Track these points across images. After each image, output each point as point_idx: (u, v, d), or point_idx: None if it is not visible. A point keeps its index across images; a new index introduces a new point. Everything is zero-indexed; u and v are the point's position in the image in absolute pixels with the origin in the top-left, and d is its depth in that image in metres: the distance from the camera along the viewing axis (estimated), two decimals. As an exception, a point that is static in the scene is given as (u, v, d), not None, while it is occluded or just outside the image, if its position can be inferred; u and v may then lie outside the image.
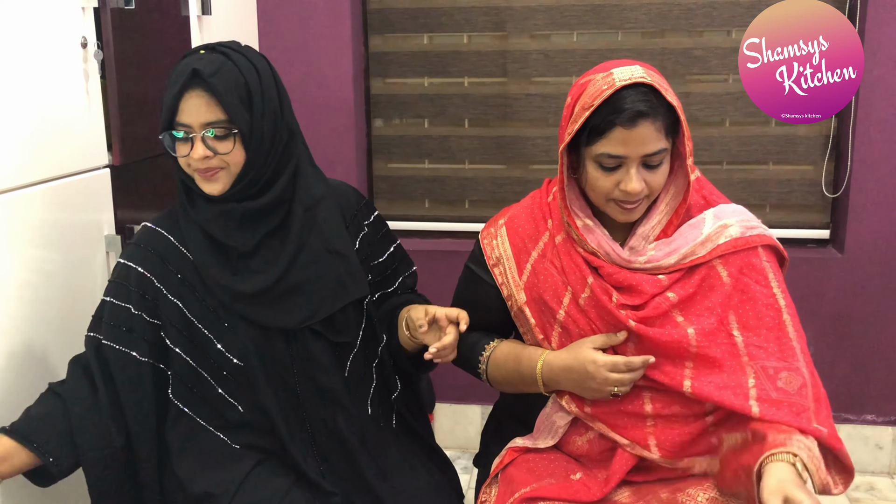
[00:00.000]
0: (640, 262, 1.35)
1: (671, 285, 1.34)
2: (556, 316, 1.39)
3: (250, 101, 1.33)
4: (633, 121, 1.25)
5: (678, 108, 1.28)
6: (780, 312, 1.34)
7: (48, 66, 1.47)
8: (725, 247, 1.34)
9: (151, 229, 1.43)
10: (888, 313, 2.47)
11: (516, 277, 1.43)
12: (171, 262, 1.40)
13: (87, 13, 1.57)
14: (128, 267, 1.40)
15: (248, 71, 1.33)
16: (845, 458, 1.31)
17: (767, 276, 1.35)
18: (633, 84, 1.26)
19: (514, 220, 1.46)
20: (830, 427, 1.30)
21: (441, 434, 2.73)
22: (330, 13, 2.51)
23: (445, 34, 2.60)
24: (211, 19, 2.08)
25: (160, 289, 1.39)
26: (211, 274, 1.38)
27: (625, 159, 1.27)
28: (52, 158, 1.49)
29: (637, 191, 1.28)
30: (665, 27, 2.49)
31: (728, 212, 1.38)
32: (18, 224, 1.40)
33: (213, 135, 1.31)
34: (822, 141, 2.49)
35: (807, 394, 1.30)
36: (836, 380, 2.53)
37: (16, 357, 1.40)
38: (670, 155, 1.32)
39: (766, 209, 2.55)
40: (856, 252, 2.45)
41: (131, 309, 1.38)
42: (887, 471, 2.57)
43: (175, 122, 1.32)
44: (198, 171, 1.35)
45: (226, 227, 1.37)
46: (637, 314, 1.33)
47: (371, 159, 2.72)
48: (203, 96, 1.30)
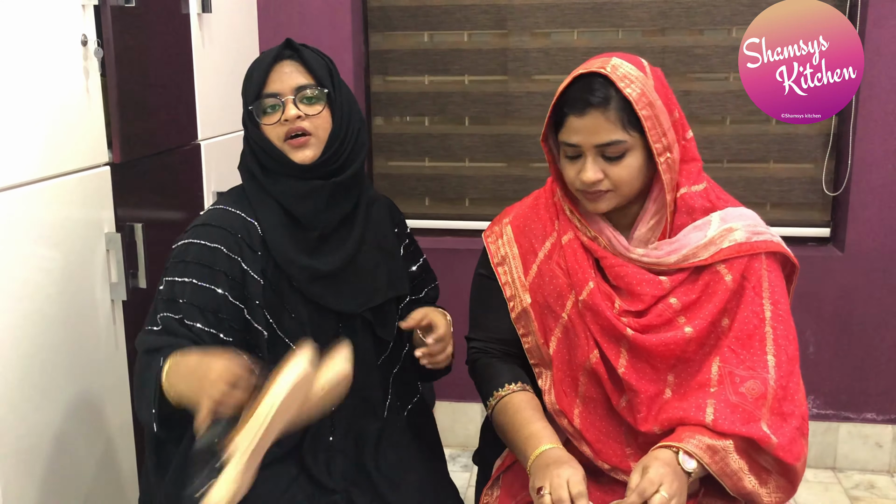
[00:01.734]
0: (639, 255, 1.34)
1: (673, 289, 1.33)
2: (558, 320, 1.38)
3: (331, 77, 1.42)
4: (582, 110, 1.26)
5: (635, 104, 1.25)
6: (763, 324, 1.32)
7: (48, 64, 1.47)
8: (728, 251, 1.32)
9: (229, 212, 1.42)
10: (888, 312, 2.47)
11: (522, 278, 1.41)
12: (253, 243, 1.39)
13: (88, 11, 1.57)
14: (207, 247, 1.37)
15: (326, 58, 1.45)
16: (792, 474, 1.31)
17: (762, 285, 1.33)
18: (590, 73, 1.27)
19: (520, 218, 1.46)
20: (789, 441, 1.28)
21: (441, 432, 2.71)
22: (330, 11, 2.51)
23: (446, 32, 2.60)
24: (211, 17, 2.08)
25: (247, 271, 1.38)
26: (286, 253, 1.39)
27: (580, 148, 1.29)
28: (53, 156, 1.49)
29: (590, 180, 1.28)
30: (666, 25, 2.49)
31: (735, 215, 1.36)
32: (18, 222, 1.40)
33: (302, 100, 1.38)
34: (823, 139, 2.49)
35: (764, 403, 1.29)
36: (835, 378, 2.53)
37: (16, 355, 1.40)
38: (646, 148, 1.29)
39: (766, 207, 2.55)
40: (856, 250, 2.45)
41: (216, 290, 1.35)
42: (887, 469, 2.57)
43: (263, 92, 1.38)
44: (288, 141, 1.38)
45: (315, 204, 1.40)
46: (639, 321, 1.33)
47: (371, 157, 2.72)
48: (293, 65, 1.40)
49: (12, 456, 1.39)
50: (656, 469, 1.20)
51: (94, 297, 1.61)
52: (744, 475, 1.27)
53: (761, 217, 1.41)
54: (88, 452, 1.61)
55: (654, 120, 1.27)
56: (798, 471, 1.31)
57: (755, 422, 1.27)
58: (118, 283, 1.65)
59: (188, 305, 1.34)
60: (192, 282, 1.35)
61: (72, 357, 1.55)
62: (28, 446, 1.43)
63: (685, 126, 1.36)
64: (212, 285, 1.35)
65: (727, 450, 1.25)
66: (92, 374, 1.61)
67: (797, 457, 1.28)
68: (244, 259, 1.38)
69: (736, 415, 1.27)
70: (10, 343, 1.38)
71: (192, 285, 1.35)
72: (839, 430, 2.56)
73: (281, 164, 1.39)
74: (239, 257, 1.37)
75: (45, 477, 1.47)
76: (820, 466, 2.59)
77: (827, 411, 2.56)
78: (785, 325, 1.33)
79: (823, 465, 2.59)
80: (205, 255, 1.36)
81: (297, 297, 1.41)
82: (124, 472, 1.73)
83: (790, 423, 1.29)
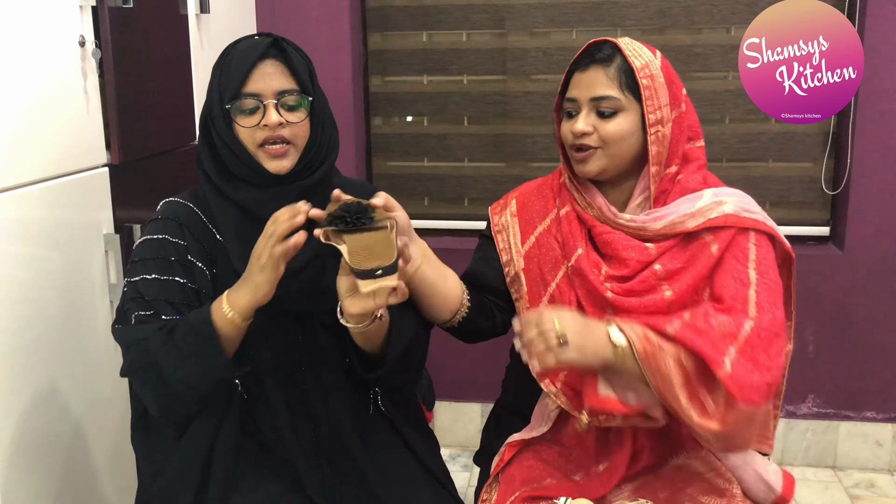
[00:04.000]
0: (626, 220, 1.37)
1: (659, 256, 1.35)
2: (547, 287, 1.42)
3: (312, 82, 1.36)
4: (586, 65, 1.36)
5: (637, 71, 1.33)
6: (747, 287, 1.29)
7: (46, 65, 1.47)
8: (715, 221, 1.33)
9: (174, 202, 1.40)
10: (888, 310, 2.47)
11: (518, 245, 1.46)
12: (197, 233, 1.37)
13: (85, 12, 1.57)
14: (160, 240, 1.35)
15: (306, 57, 1.39)
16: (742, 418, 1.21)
17: (748, 256, 1.33)
18: (601, 41, 1.38)
19: (525, 195, 1.52)
20: (744, 376, 1.19)
21: (441, 432, 2.73)
22: (328, 11, 2.51)
23: (444, 32, 2.60)
24: (209, 17, 2.08)
25: (194, 261, 1.35)
26: (243, 255, 1.32)
27: (578, 103, 1.36)
28: (51, 157, 1.48)
29: (579, 130, 1.35)
30: (665, 24, 2.49)
31: (728, 193, 1.39)
32: (17, 223, 1.40)
33: (284, 106, 1.32)
34: (822, 138, 2.49)
35: (733, 342, 1.23)
36: (835, 377, 2.53)
37: (14, 356, 1.39)
38: (640, 120, 1.34)
39: (765, 206, 2.52)
40: (856, 249, 2.45)
41: (178, 280, 1.34)
42: (887, 468, 2.57)
43: (242, 91, 1.31)
44: (266, 149, 1.32)
45: (278, 210, 1.31)
46: (623, 286, 1.35)
47: (370, 157, 2.72)
48: (277, 66, 1.33)
49: (11, 456, 1.39)
50: (570, 314, 1.24)
51: (92, 298, 1.61)
52: (673, 382, 1.21)
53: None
54: (87, 453, 1.61)
55: (653, 91, 1.34)
56: (748, 415, 1.22)
57: (715, 349, 1.21)
58: (117, 284, 1.65)
59: (157, 301, 1.32)
60: (155, 278, 1.33)
61: (71, 358, 1.54)
62: (27, 447, 1.43)
63: (697, 133, 1.42)
64: (172, 276, 1.33)
65: (664, 349, 1.22)
66: (91, 375, 1.61)
67: (749, 397, 1.19)
68: (189, 249, 1.35)
69: (697, 333, 1.23)
70: (9, 344, 1.38)
71: (156, 281, 1.33)
72: (839, 429, 2.56)
73: (250, 170, 1.33)
74: (184, 242, 1.35)
75: (44, 477, 1.47)
76: (820, 465, 2.59)
77: (827, 410, 2.56)
78: (771, 294, 1.30)
79: (823, 463, 2.59)
80: (161, 248, 1.34)
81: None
82: (123, 473, 1.73)
83: (758, 372, 1.21)
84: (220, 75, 1.34)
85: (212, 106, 1.35)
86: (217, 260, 1.37)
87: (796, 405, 2.58)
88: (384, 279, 1.16)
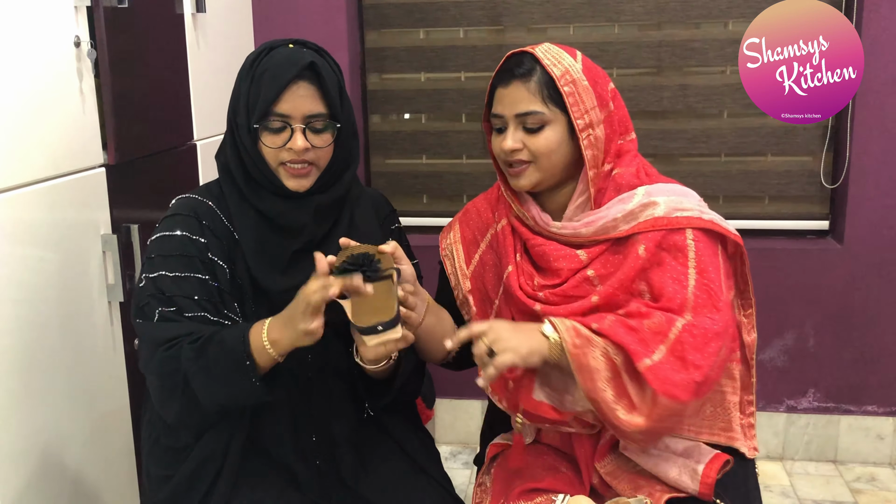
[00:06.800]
0: (558, 228, 1.36)
1: (591, 262, 1.34)
2: (492, 305, 1.44)
3: (341, 99, 1.35)
4: (507, 81, 1.34)
5: (557, 80, 1.31)
6: (685, 290, 1.28)
7: (42, 66, 1.46)
8: (645, 225, 1.32)
9: (192, 198, 1.39)
10: (888, 303, 2.47)
11: (463, 267, 1.49)
12: (216, 230, 1.36)
13: (81, 12, 1.56)
14: (180, 237, 1.34)
15: (337, 69, 1.37)
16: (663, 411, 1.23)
17: (687, 255, 1.31)
18: (521, 52, 1.35)
19: (467, 213, 1.54)
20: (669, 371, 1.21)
21: (441, 429, 2.73)
22: (325, 9, 2.51)
23: (441, 29, 2.59)
24: (205, 17, 2.07)
25: (214, 259, 1.35)
26: (261, 268, 1.35)
27: (504, 119, 1.35)
28: (47, 158, 1.48)
29: (508, 148, 1.33)
30: (662, 19, 2.48)
31: (662, 190, 1.36)
32: (14, 224, 1.40)
33: (311, 129, 1.32)
34: (821, 132, 2.49)
35: (663, 340, 1.24)
36: (836, 371, 2.53)
37: (12, 357, 1.39)
38: (569, 128, 1.33)
39: (764, 201, 2.54)
40: (855, 242, 2.45)
41: (198, 276, 1.33)
42: (888, 461, 2.57)
43: (273, 110, 1.30)
44: (288, 167, 1.33)
45: (300, 218, 1.35)
46: (555, 291, 1.35)
47: (368, 155, 2.72)
48: (311, 88, 1.31)
49: (10, 457, 1.39)
50: (501, 321, 1.28)
51: (90, 298, 1.61)
52: (599, 376, 1.23)
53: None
54: (87, 453, 1.61)
55: (577, 96, 1.32)
56: (673, 411, 1.23)
57: (643, 344, 1.23)
58: (115, 284, 1.65)
59: (178, 298, 1.31)
60: (175, 275, 1.32)
61: (69, 358, 1.54)
62: (26, 447, 1.43)
63: (628, 128, 1.40)
64: (193, 273, 1.32)
65: (593, 342, 1.24)
66: (90, 376, 1.61)
67: (671, 392, 1.20)
68: (209, 246, 1.35)
69: (627, 330, 1.25)
70: (7, 345, 1.38)
71: (176, 278, 1.32)
72: (840, 423, 2.56)
73: (271, 183, 1.34)
74: (205, 240, 1.34)
75: (43, 478, 1.47)
76: (821, 459, 2.59)
77: (828, 404, 2.56)
78: (710, 294, 1.28)
79: (825, 457, 2.59)
80: (181, 244, 1.33)
81: (263, 297, 1.37)
82: (123, 473, 1.73)
83: (686, 370, 1.22)
84: (250, 84, 1.33)
85: (237, 110, 1.35)
86: (234, 258, 1.37)
87: (797, 400, 2.57)
88: (386, 333, 1.19)
